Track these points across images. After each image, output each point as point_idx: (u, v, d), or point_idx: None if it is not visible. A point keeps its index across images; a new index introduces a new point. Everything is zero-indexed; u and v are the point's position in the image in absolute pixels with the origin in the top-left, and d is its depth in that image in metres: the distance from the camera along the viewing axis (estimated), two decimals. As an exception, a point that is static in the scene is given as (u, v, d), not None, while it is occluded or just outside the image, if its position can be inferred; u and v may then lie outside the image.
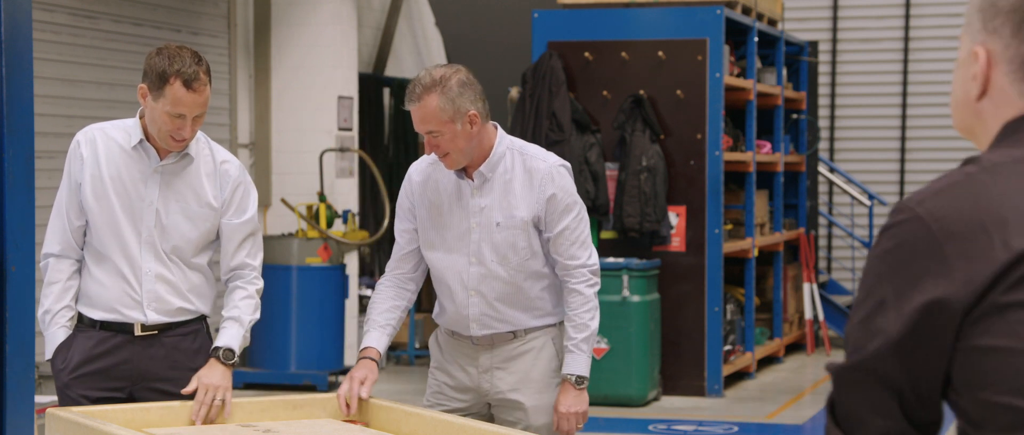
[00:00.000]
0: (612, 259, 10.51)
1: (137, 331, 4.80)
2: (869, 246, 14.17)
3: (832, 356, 13.07)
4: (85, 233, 4.83)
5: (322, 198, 11.51)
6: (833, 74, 15.68)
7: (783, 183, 12.85)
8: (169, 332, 4.84)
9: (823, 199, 15.35)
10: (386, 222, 11.92)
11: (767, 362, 12.63)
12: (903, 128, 15.49)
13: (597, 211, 10.71)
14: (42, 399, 6.26)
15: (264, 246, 5.07)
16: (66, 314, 4.83)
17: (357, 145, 12.11)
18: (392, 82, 13.66)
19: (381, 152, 13.38)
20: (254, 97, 11.85)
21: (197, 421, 4.63)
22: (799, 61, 13.43)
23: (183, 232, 4.81)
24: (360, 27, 12.63)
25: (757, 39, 11.84)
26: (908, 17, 15.45)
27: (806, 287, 13.44)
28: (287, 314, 11.04)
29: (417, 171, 4.93)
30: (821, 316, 13.46)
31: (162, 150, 4.79)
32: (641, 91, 10.81)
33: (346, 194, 11.88)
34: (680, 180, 10.90)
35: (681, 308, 10.89)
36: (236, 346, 4.80)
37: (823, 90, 15.39)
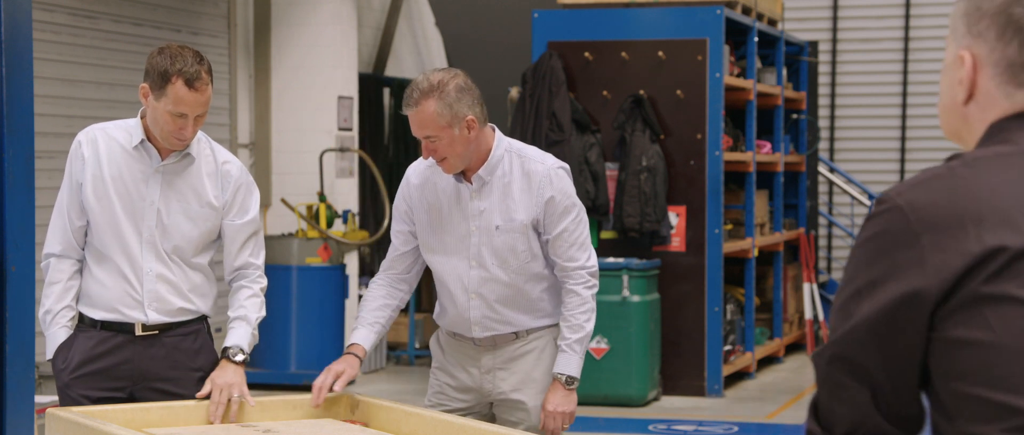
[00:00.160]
0: (612, 259, 10.51)
1: (138, 331, 4.81)
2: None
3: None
4: (86, 233, 4.84)
5: (322, 198, 11.51)
6: (833, 74, 15.68)
7: (783, 183, 12.85)
8: (170, 332, 4.84)
9: (823, 199, 15.35)
10: (386, 222, 11.92)
11: (767, 362, 12.63)
12: (903, 128, 15.49)
13: (597, 211, 10.71)
14: (42, 399, 6.26)
15: (264, 246, 5.08)
16: (67, 314, 4.83)
17: (357, 145, 12.11)
18: (392, 82, 13.65)
19: (381, 152, 13.38)
20: (254, 97, 11.85)
21: (215, 421, 4.65)
22: (799, 61, 13.43)
23: (184, 232, 4.82)
24: (360, 27, 12.63)
25: (757, 39, 11.84)
26: (908, 17, 15.45)
27: (806, 287, 13.44)
28: (287, 314, 11.04)
29: (415, 173, 4.92)
30: (821, 316, 13.45)
31: (163, 150, 4.80)
32: (641, 91, 10.81)
33: (346, 194, 11.88)
34: (680, 180, 10.89)
35: (681, 308, 10.89)
36: (245, 344, 4.82)
37: (823, 90, 15.39)
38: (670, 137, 10.86)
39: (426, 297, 12.80)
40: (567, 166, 4.89)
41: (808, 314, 13.42)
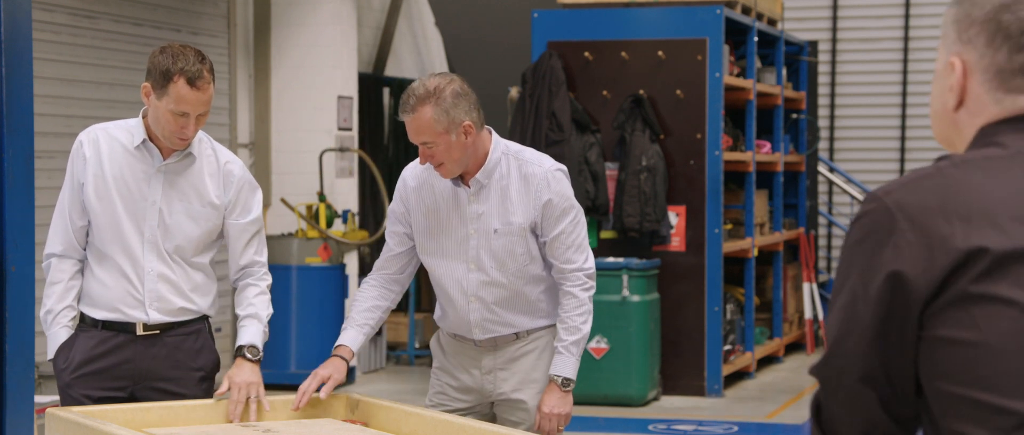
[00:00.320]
0: (612, 259, 10.51)
1: (139, 331, 4.81)
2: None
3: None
4: (87, 233, 4.85)
5: (322, 198, 11.51)
6: (833, 74, 15.68)
7: (783, 183, 12.85)
8: (171, 332, 4.85)
9: (823, 199, 15.35)
10: (385, 222, 11.92)
11: (767, 362, 12.63)
12: (903, 128, 15.49)
13: (597, 211, 10.71)
14: (42, 399, 6.26)
15: (266, 245, 5.10)
16: (68, 314, 4.84)
17: (357, 145, 12.11)
18: (392, 82, 13.65)
19: (381, 152, 13.38)
20: (254, 97, 11.85)
21: (235, 420, 4.67)
22: (799, 61, 13.43)
23: (186, 231, 4.82)
24: (360, 27, 12.63)
25: (757, 39, 11.84)
26: (908, 17, 15.45)
27: (806, 287, 13.44)
28: (287, 314, 11.04)
29: (412, 175, 4.90)
30: (821, 316, 13.45)
31: (165, 149, 4.81)
32: (641, 91, 10.81)
33: (346, 194, 11.88)
34: (680, 180, 10.89)
35: (681, 308, 10.89)
36: (259, 342, 4.85)
37: (823, 90, 15.39)
38: (670, 137, 10.86)
39: (426, 297, 12.80)
40: (565, 168, 4.89)
41: (808, 314, 13.42)
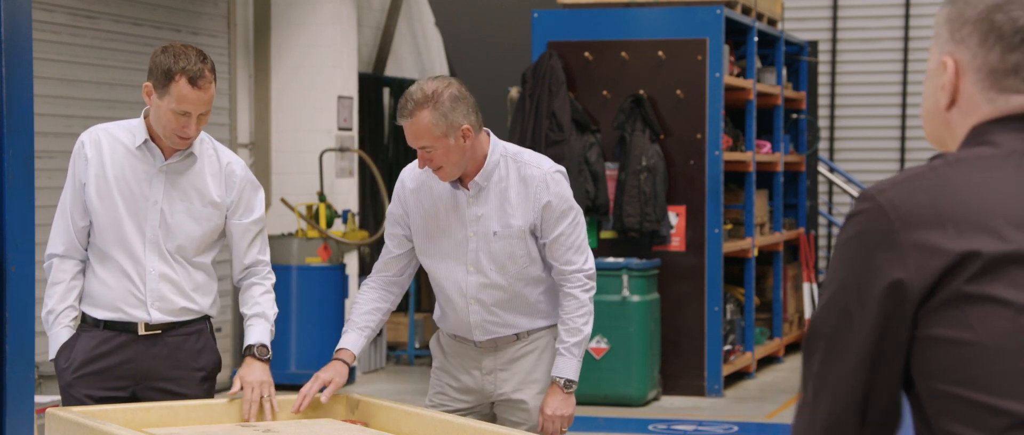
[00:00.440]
0: (612, 259, 10.51)
1: (141, 330, 4.82)
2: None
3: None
4: (89, 233, 4.85)
5: (322, 198, 11.51)
6: (833, 74, 15.68)
7: (783, 183, 12.84)
8: (172, 332, 4.86)
9: (823, 199, 15.35)
10: (385, 223, 11.92)
11: (767, 362, 12.63)
12: (903, 128, 15.49)
13: (597, 211, 10.71)
14: (42, 399, 6.26)
15: (268, 244, 5.11)
16: (70, 314, 4.85)
17: (357, 145, 12.11)
18: (392, 82, 13.65)
19: (381, 152, 13.38)
20: (254, 97, 11.85)
21: (250, 418, 4.69)
22: (799, 61, 13.42)
23: (187, 231, 4.83)
24: (360, 27, 12.63)
25: (757, 39, 11.84)
26: (908, 17, 15.45)
27: (806, 287, 13.44)
28: (287, 314, 11.04)
29: (410, 177, 4.89)
30: (821, 316, 13.44)
31: (167, 149, 4.81)
32: (641, 91, 10.81)
33: (346, 194, 11.88)
34: (680, 180, 10.89)
35: (681, 308, 10.89)
36: (268, 341, 4.87)
37: (823, 90, 15.39)
38: (670, 137, 10.86)
39: (426, 297, 12.80)
40: (563, 169, 4.88)
41: (808, 314, 13.41)
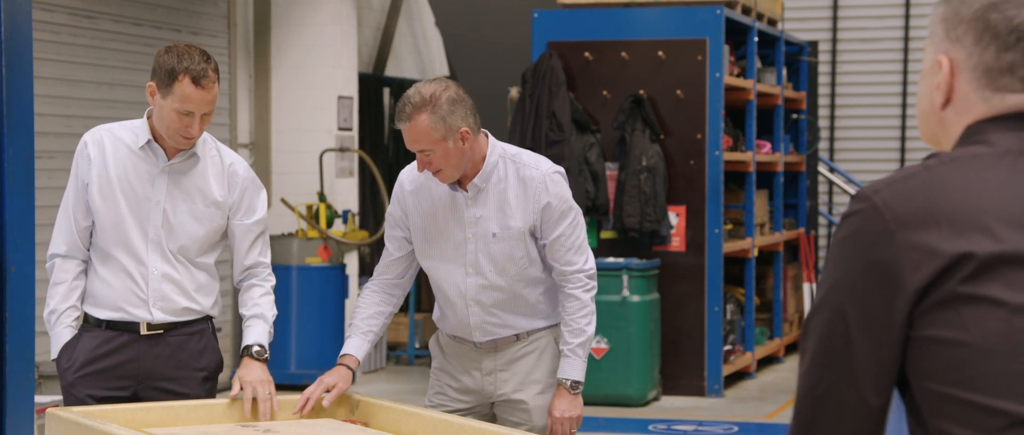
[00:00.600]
0: (612, 259, 10.51)
1: (143, 330, 4.83)
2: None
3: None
4: (91, 234, 4.86)
5: (322, 198, 11.51)
6: (833, 74, 15.68)
7: (783, 183, 12.85)
8: (174, 332, 4.86)
9: (823, 199, 15.35)
10: (384, 225, 11.91)
11: (767, 362, 12.63)
12: (903, 128, 15.49)
13: (597, 211, 10.71)
14: (42, 399, 6.26)
15: (270, 245, 5.11)
16: (72, 314, 4.86)
17: (357, 145, 12.11)
18: (392, 82, 13.66)
19: (381, 152, 13.38)
20: (254, 97, 11.85)
21: (260, 418, 4.69)
22: (799, 61, 13.43)
23: (190, 231, 4.84)
24: (360, 27, 12.63)
25: (757, 39, 11.84)
26: (908, 17, 15.45)
27: (806, 287, 13.44)
28: (287, 314, 11.04)
29: (408, 179, 4.88)
30: (821, 316, 13.44)
31: (170, 150, 4.82)
32: (641, 91, 10.81)
33: (346, 194, 11.88)
34: (680, 180, 10.89)
35: (681, 308, 10.89)
36: (266, 342, 4.87)
37: (823, 90, 15.38)
38: (670, 137, 10.86)
39: (426, 297, 12.80)
40: (562, 170, 4.88)
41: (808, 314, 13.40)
